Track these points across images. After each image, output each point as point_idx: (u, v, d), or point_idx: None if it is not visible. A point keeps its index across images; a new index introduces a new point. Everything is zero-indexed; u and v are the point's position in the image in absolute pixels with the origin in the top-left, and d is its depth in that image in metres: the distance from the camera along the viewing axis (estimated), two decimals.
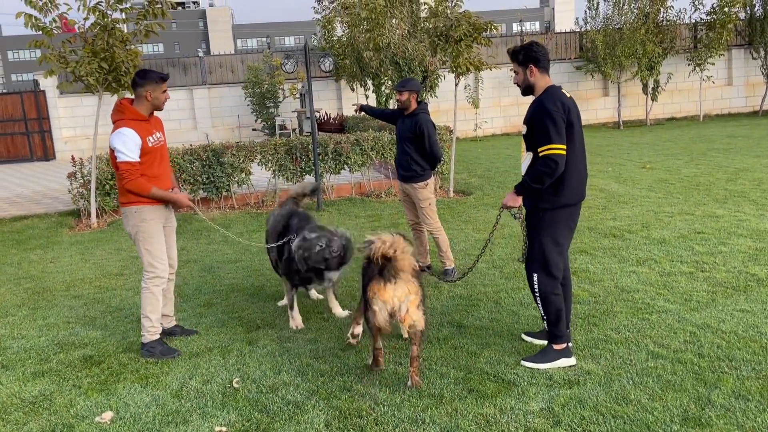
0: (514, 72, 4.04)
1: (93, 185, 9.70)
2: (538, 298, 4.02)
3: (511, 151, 16.39)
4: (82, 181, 10.05)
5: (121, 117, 4.43)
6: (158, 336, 4.65)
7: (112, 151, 4.40)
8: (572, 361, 4.01)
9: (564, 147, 3.77)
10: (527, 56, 3.95)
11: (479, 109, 20.72)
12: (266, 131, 20.13)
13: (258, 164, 10.70)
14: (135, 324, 5.24)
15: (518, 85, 4.04)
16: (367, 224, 9.00)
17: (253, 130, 20.66)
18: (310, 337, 4.80)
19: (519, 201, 4.03)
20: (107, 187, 9.94)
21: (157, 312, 4.62)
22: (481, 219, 8.66)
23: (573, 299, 5.16)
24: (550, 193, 3.87)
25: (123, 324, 5.29)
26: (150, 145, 4.49)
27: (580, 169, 3.95)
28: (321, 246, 4.73)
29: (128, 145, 4.33)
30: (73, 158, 10.24)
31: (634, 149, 15.02)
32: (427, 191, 6.07)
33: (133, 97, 4.60)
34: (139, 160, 4.38)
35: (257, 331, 4.98)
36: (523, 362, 4.06)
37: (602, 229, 7.58)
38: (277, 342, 4.74)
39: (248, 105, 20.37)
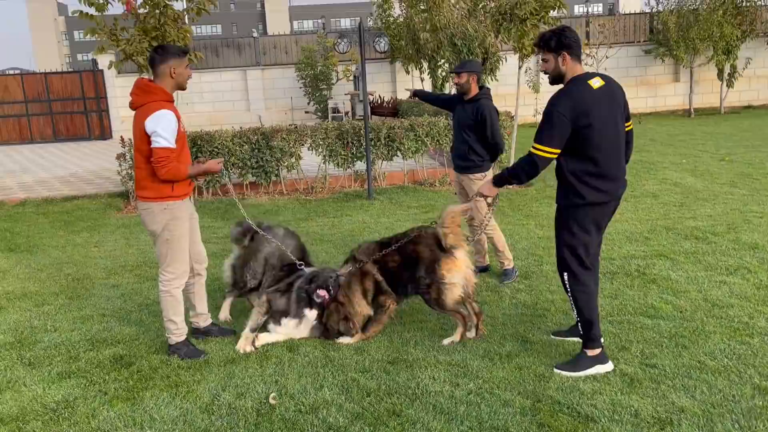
0: (543, 60, 3.72)
1: None
2: (570, 298, 3.80)
3: None
4: (130, 162, 9.86)
5: (153, 98, 4.01)
6: (184, 337, 4.31)
7: (146, 135, 3.99)
8: (609, 366, 3.78)
9: (552, 151, 3.58)
10: (560, 43, 3.64)
11: (539, 93, 19.81)
12: (318, 114, 19.78)
13: (308, 149, 10.30)
14: None
15: (546, 73, 3.76)
16: (420, 215, 8.48)
17: (306, 112, 20.35)
18: (357, 346, 4.34)
19: (495, 192, 4.01)
20: None
21: (180, 314, 4.26)
22: (545, 214, 8.02)
23: (655, 313, 4.57)
24: (572, 193, 3.68)
25: (158, 320, 4.94)
26: (182, 130, 4.10)
27: (607, 168, 3.64)
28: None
29: (169, 130, 3.94)
30: (122, 139, 10.06)
31: (709, 139, 13.97)
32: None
33: (149, 77, 4.18)
34: (176, 146, 3.99)
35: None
36: (555, 369, 3.83)
37: (681, 229, 6.84)
38: (320, 350, 4.29)
39: (301, 87, 20.04)
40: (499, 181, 3.89)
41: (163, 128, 3.90)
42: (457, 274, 4.18)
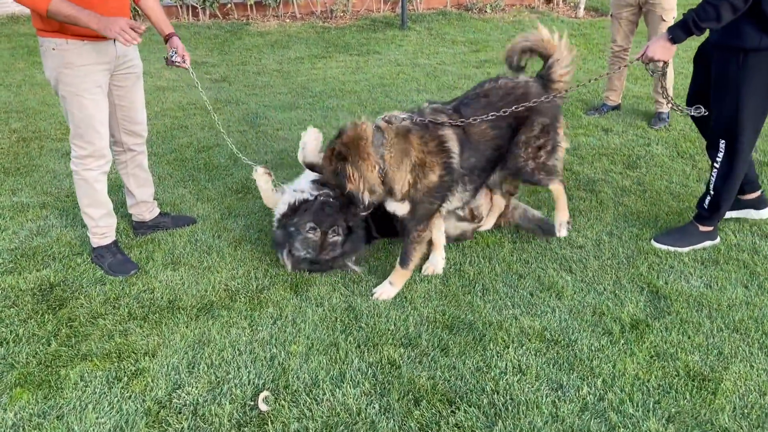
0: None
1: None
2: (715, 172, 3.00)
3: None
4: None
5: None
6: (110, 239, 3.15)
7: None
8: (717, 241, 3.17)
9: None
10: None
11: None
12: None
13: None
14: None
15: None
16: (470, 55, 6.63)
17: None
18: (397, 293, 2.90)
19: (672, 52, 2.84)
20: None
21: (98, 205, 3.06)
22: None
23: None
24: (755, 26, 2.65)
25: (119, 214, 3.53)
26: None
27: None
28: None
29: None
30: None
31: None
32: None
33: None
34: None
35: None
36: (654, 242, 3.14)
37: None
38: (341, 294, 2.86)
39: None
40: (681, 34, 2.73)
41: None
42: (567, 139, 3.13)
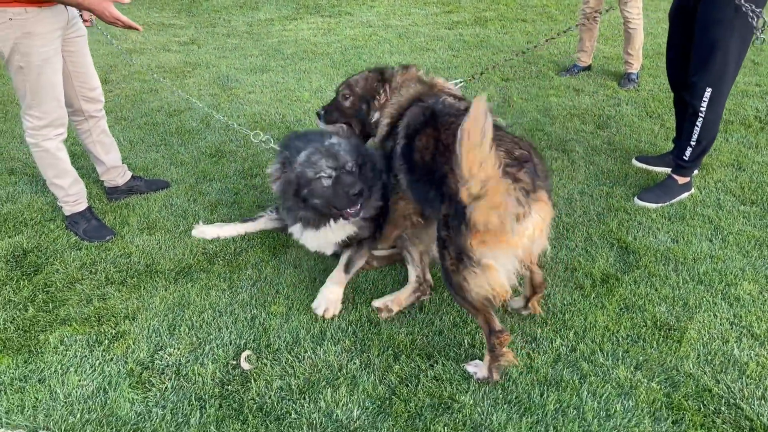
0: None
1: None
2: (699, 119, 3.00)
3: None
4: None
5: None
6: (83, 206, 3.10)
7: None
8: (693, 191, 3.25)
9: None
10: None
11: None
12: None
13: None
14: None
15: None
16: (442, 16, 6.59)
17: None
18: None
19: None
20: None
21: (65, 175, 3.00)
22: (608, 20, 6.19)
23: None
24: None
25: (91, 179, 3.48)
26: None
27: None
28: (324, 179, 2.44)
29: None
30: None
31: None
32: None
33: None
34: None
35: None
36: (637, 201, 3.17)
37: None
38: (317, 255, 2.89)
39: None
40: None
41: None
42: (506, 254, 1.95)
